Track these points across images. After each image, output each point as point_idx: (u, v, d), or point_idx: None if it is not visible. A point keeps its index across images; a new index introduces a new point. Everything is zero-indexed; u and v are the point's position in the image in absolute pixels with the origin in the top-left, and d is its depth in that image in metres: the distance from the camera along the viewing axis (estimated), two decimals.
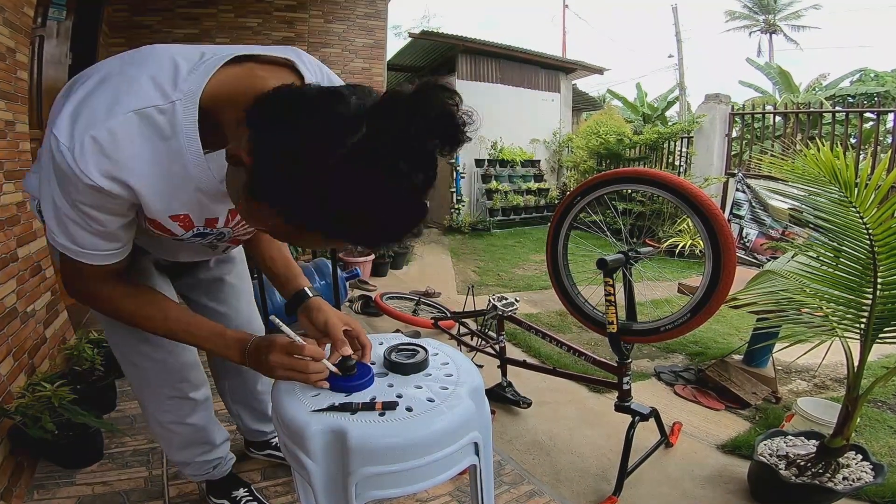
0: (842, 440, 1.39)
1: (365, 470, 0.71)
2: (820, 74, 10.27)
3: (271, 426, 1.45)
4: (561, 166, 8.32)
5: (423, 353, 0.91)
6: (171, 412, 1.10)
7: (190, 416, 1.12)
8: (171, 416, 1.10)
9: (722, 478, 1.62)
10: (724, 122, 5.79)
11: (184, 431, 1.13)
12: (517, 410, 2.01)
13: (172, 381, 1.07)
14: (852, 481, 1.38)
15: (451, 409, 0.77)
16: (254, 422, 1.42)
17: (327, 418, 0.74)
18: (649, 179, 1.52)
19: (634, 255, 1.61)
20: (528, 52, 7.95)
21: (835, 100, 8.21)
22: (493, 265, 4.95)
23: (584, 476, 1.62)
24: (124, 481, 1.43)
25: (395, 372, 0.88)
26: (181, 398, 1.09)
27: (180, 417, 1.11)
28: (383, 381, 0.86)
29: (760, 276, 1.71)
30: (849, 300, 1.39)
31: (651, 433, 1.73)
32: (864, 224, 1.32)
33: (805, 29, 19.92)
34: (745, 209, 5.02)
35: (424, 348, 0.93)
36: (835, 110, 5.45)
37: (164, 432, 1.13)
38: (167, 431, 1.12)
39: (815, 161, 1.43)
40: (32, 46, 2.20)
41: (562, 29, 15.87)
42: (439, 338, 2.65)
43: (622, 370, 1.60)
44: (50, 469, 1.45)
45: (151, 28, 3.65)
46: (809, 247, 1.62)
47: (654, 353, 2.71)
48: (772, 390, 2.20)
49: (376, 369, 0.89)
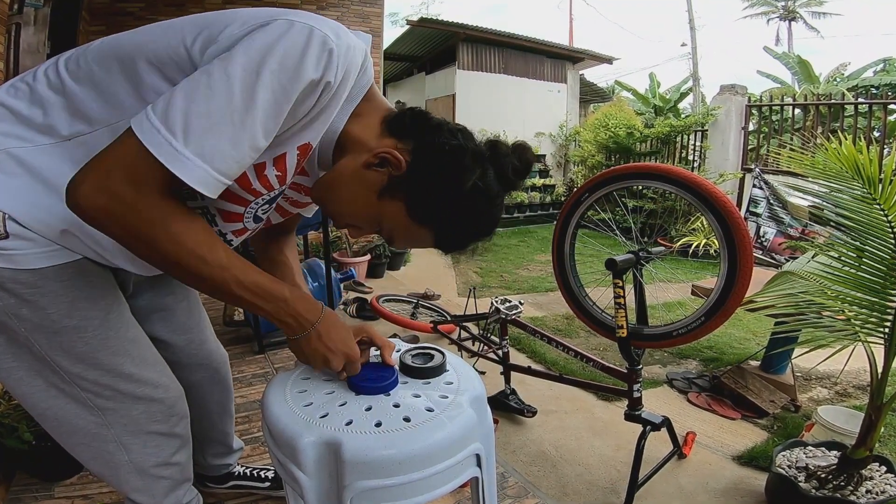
0: (865, 451, 1.39)
1: (361, 484, 0.70)
2: (841, 64, 10.29)
3: (235, 457, 1.42)
4: (567, 161, 8.33)
5: (439, 356, 0.92)
6: (155, 454, 0.98)
7: (176, 454, 1.02)
8: (155, 458, 0.98)
9: (738, 491, 1.62)
10: (740, 115, 5.79)
11: (171, 473, 1.02)
12: (521, 419, 2.01)
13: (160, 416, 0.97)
14: (876, 494, 1.38)
15: (452, 420, 0.77)
16: (216, 458, 1.37)
17: (321, 429, 0.74)
18: (661, 175, 1.52)
19: (645, 256, 1.61)
20: (533, 41, 7.96)
21: (857, 91, 8.21)
22: (496, 266, 4.95)
23: (592, 489, 1.62)
24: (105, 494, 1.43)
25: (412, 377, 0.89)
26: (167, 435, 0.99)
27: (165, 457, 1.00)
28: None
29: (779, 277, 1.71)
30: (872, 303, 1.39)
31: (663, 444, 1.73)
32: (888, 222, 1.32)
33: (826, 16, 19.92)
34: (763, 206, 5.02)
35: (441, 352, 0.93)
36: (857, 102, 5.44)
37: (149, 482, 0.98)
38: (152, 479, 0.99)
39: (837, 155, 1.43)
40: (9, 34, 2.19)
41: (569, 16, 15.87)
42: (439, 342, 2.65)
43: (632, 377, 1.60)
44: (27, 481, 1.45)
45: (134, 14, 3.64)
46: (831, 246, 1.62)
47: (666, 359, 2.71)
48: (791, 398, 2.20)
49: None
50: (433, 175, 0.73)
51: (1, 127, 0.73)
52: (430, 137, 0.74)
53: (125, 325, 0.91)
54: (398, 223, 0.77)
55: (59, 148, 0.73)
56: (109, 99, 0.73)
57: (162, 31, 0.73)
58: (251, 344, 2.58)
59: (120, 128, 0.68)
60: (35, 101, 0.74)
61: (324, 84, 0.67)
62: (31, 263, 0.75)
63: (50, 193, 0.73)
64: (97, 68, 0.74)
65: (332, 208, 0.81)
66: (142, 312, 1.05)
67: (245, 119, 0.62)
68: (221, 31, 0.68)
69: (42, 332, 0.80)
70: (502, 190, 0.78)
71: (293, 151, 0.74)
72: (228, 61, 0.62)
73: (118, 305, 0.90)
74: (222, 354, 1.26)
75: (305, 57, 0.63)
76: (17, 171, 0.72)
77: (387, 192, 0.74)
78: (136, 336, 0.93)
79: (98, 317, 0.85)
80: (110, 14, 3.60)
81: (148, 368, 0.94)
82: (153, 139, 0.60)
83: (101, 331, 0.85)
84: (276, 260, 1.02)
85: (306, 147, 0.75)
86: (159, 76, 0.71)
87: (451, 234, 0.78)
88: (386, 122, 0.78)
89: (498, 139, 0.80)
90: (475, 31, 7.33)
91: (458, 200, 0.74)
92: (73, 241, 0.78)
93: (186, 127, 0.60)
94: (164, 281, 1.10)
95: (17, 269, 0.74)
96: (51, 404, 0.86)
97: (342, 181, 0.77)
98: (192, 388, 1.17)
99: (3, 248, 0.73)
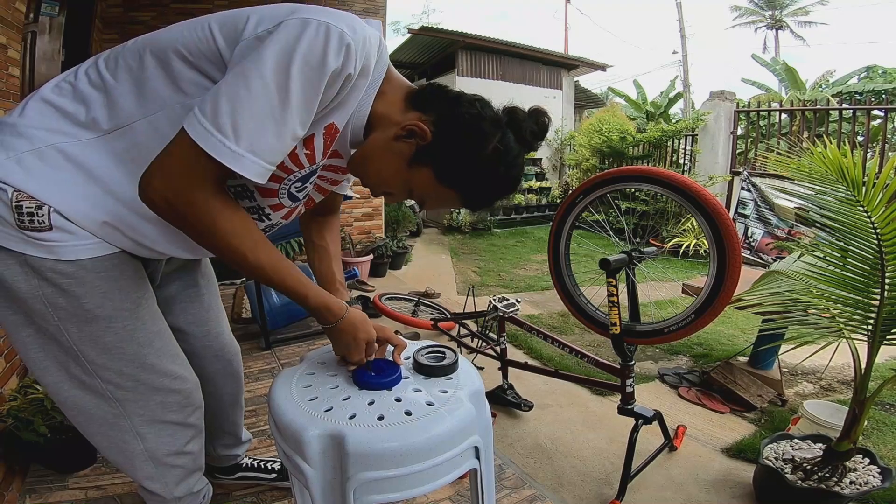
0: (849, 444, 1.39)
1: (363, 475, 0.71)
2: (827, 71, 10.28)
3: (244, 448, 1.41)
4: (563, 164, 8.33)
5: (452, 355, 0.92)
6: (169, 443, 0.99)
7: (189, 443, 1.03)
8: (169, 447, 0.99)
9: (727, 482, 1.62)
10: (729, 120, 5.79)
11: (184, 462, 1.03)
12: (518, 413, 2.01)
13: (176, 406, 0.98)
14: (859, 486, 1.38)
15: (451, 413, 0.77)
16: (226, 448, 1.36)
17: (325, 423, 0.74)
18: (653, 178, 1.52)
19: (638, 255, 1.61)
20: (530, 48, 7.96)
21: (842, 97, 8.20)
22: (494, 265, 4.95)
23: (586, 480, 1.62)
24: (118, 485, 1.43)
25: (423, 375, 0.89)
26: (182, 424, 1.00)
27: (179, 446, 1.01)
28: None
29: (766, 276, 1.71)
30: (856, 301, 1.39)
31: (655, 436, 1.74)
32: (871, 223, 1.32)
33: (812, 25, 19.93)
34: (751, 208, 5.02)
35: (453, 351, 0.94)
36: (842, 108, 5.44)
37: (162, 470, 1.00)
38: (165, 468, 1.00)
39: (822, 159, 1.43)
40: (24, 42, 2.19)
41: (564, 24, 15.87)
42: (439, 339, 2.65)
43: (625, 372, 1.60)
44: (42, 473, 1.45)
45: (145, 24, 3.64)
46: (816, 247, 1.62)
47: (657, 355, 2.71)
48: (777, 393, 2.20)
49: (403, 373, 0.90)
50: (456, 141, 0.78)
51: (48, 123, 0.76)
52: (451, 108, 0.79)
53: (152, 317, 0.93)
54: (428, 188, 0.81)
55: (101, 142, 0.76)
56: (146, 92, 0.76)
57: (190, 27, 0.77)
58: (258, 340, 2.58)
59: (156, 119, 0.74)
60: (78, 99, 0.78)
61: (344, 76, 0.71)
62: (71, 255, 0.78)
63: (94, 186, 0.77)
64: (134, 64, 0.77)
65: (368, 180, 0.86)
66: (166, 302, 1.09)
67: (284, 115, 0.67)
68: (245, 27, 0.73)
69: (74, 322, 0.82)
70: (521, 151, 0.82)
71: (320, 133, 0.78)
72: (260, 63, 0.66)
73: (148, 298, 0.93)
74: (235, 347, 1.27)
75: (327, 54, 0.67)
76: (64, 166, 0.76)
77: (415, 160, 0.79)
78: (161, 328, 0.95)
79: (129, 308, 0.87)
80: (122, 23, 3.61)
81: (169, 360, 0.95)
82: (209, 142, 0.65)
83: (130, 322, 0.87)
84: (317, 245, 1.09)
85: (331, 128, 0.79)
86: (189, 67, 0.75)
87: (477, 193, 0.83)
88: (409, 97, 0.83)
89: (515, 106, 0.83)
90: (474, 39, 7.33)
91: (481, 162, 0.78)
92: (112, 233, 0.81)
93: (236, 129, 0.65)
94: (190, 273, 1.13)
95: (58, 260, 0.78)
96: (72, 394, 0.89)
97: (375, 154, 0.82)
98: (206, 380, 1.19)
99: (47, 240, 0.76)
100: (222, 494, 1.41)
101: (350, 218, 4.64)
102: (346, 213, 4.68)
